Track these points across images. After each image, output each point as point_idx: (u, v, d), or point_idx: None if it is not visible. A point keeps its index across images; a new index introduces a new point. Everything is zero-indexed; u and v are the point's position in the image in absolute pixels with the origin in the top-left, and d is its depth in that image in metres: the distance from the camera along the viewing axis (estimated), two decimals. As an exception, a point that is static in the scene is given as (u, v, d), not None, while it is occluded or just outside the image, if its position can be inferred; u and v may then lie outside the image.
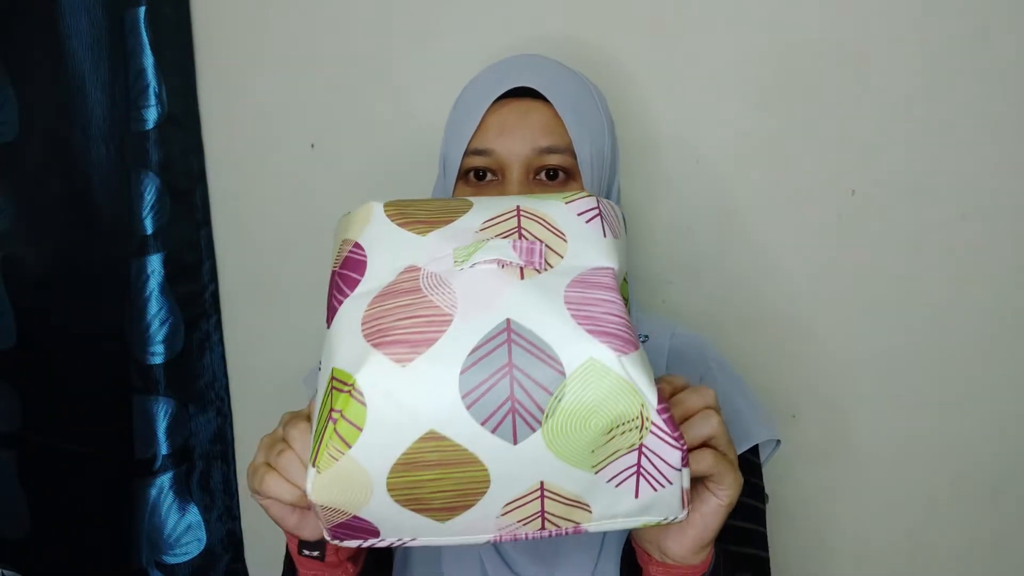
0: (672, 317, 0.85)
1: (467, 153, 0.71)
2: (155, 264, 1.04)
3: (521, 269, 0.48)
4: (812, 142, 0.92)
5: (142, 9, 0.98)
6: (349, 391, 0.43)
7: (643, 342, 0.76)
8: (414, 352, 0.44)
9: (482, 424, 0.43)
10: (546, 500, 0.46)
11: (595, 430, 0.44)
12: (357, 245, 0.52)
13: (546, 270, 0.48)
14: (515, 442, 0.43)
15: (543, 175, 0.71)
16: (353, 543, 0.49)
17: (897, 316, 0.95)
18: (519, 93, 0.71)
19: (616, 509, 0.48)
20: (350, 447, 0.43)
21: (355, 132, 1.01)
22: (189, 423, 1.08)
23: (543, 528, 0.48)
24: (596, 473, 0.45)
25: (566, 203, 0.53)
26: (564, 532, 0.48)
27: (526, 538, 0.48)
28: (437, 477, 0.44)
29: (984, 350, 0.94)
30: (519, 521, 0.47)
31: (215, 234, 1.07)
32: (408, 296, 0.47)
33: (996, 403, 0.95)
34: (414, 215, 0.53)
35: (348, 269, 0.51)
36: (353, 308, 0.48)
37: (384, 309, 0.47)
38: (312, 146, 1.02)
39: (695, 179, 0.95)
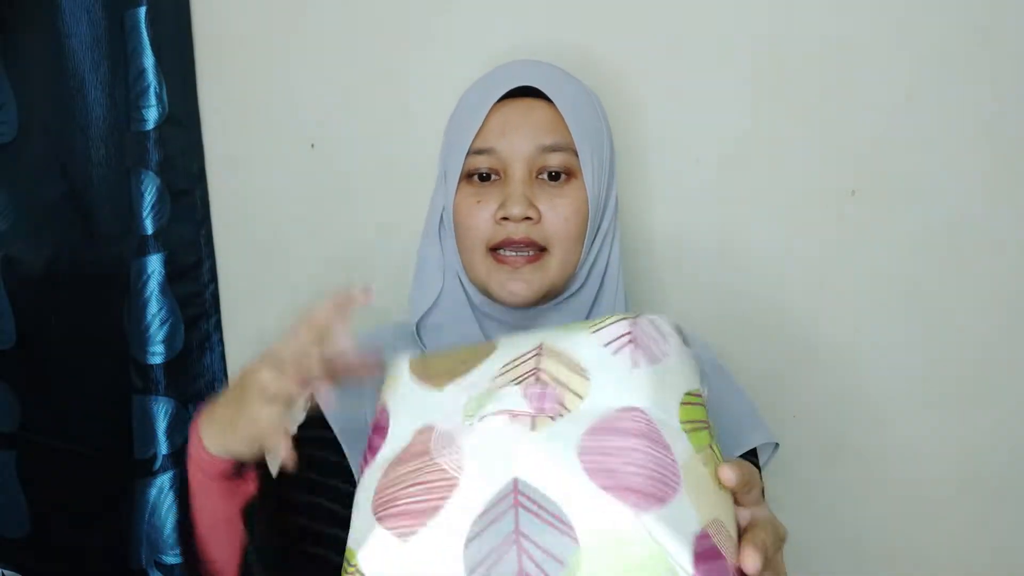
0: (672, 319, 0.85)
1: (470, 153, 0.72)
2: (155, 264, 1.04)
3: (533, 419, 0.43)
4: (812, 142, 0.92)
5: (142, 9, 0.98)
6: (353, 571, 0.41)
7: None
8: (417, 524, 0.40)
9: None
10: None
11: None
12: (383, 408, 0.50)
13: (562, 416, 0.43)
14: None
15: (545, 175, 0.71)
16: None
17: (897, 316, 0.95)
18: (521, 93, 0.72)
19: None
20: None
21: (355, 132, 1.01)
22: (189, 423, 1.08)
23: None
24: None
25: (592, 332, 0.48)
26: None
27: None
28: None
29: (984, 350, 0.94)
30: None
31: (215, 234, 1.07)
32: (417, 460, 0.43)
33: (996, 403, 0.95)
34: (436, 367, 0.49)
35: (375, 434, 0.48)
36: (371, 478, 0.45)
37: (395, 477, 0.43)
38: (312, 146, 1.02)
39: (695, 179, 0.95)
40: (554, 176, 0.71)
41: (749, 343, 0.97)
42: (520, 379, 0.45)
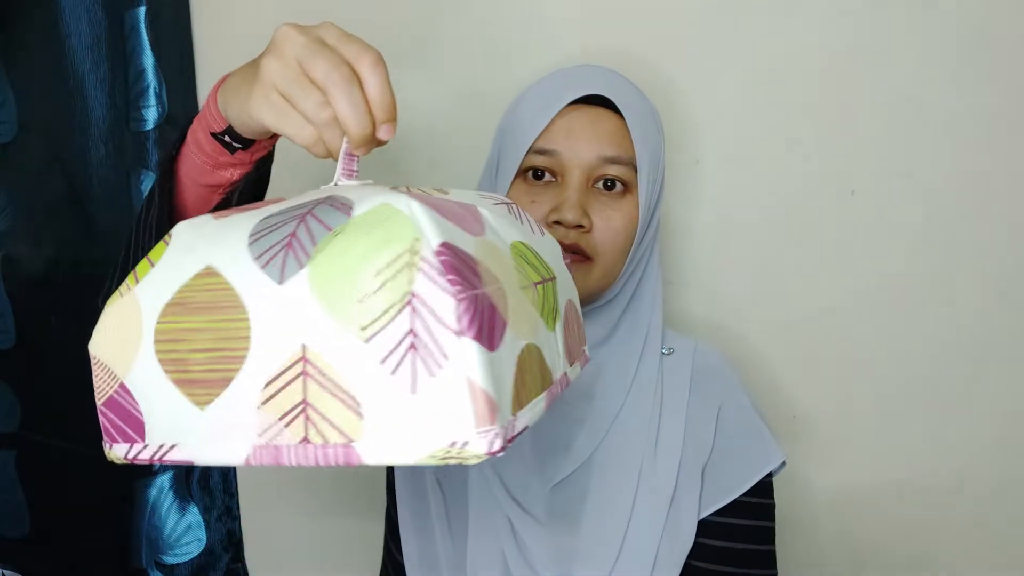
0: (686, 333, 0.86)
1: (530, 151, 0.72)
2: (155, 264, 1.03)
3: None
4: (812, 142, 0.92)
5: (142, 9, 0.98)
6: (164, 238, 0.44)
7: (668, 355, 0.78)
8: (232, 213, 0.44)
9: (255, 259, 0.39)
10: (309, 381, 0.38)
11: (361, 268, 0.37)
12: None
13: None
14: (281, 280, 0.38)
15: (601, 184, 0.72)
16: (120, 449, 0.44)
17: (897, 316, 0.95)
18: (588, 101, 0.72)
19: (392, 416, 0.37)
20: (138, 282, 0.42)
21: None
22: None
23: (306, 437, 0.38)
24: (368, 343, 0.37)
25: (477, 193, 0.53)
26: (333, 456, 0.38)
27: (290, 461, 0.39)
28: (201, 325, 0.40)
29: (984, 349, 0.94)
30: (280, 419, 0.39)
31: (215, 234, 1.07)
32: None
33: (996, 403, 0.95)
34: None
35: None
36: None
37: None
38: (312, 146, 1.02)
39: (695, 179, 0.95)
40: (609, 186, 0.72)
41: (749, 343, 0.96)
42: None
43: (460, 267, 0.38)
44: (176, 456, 0.41)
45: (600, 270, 0.72)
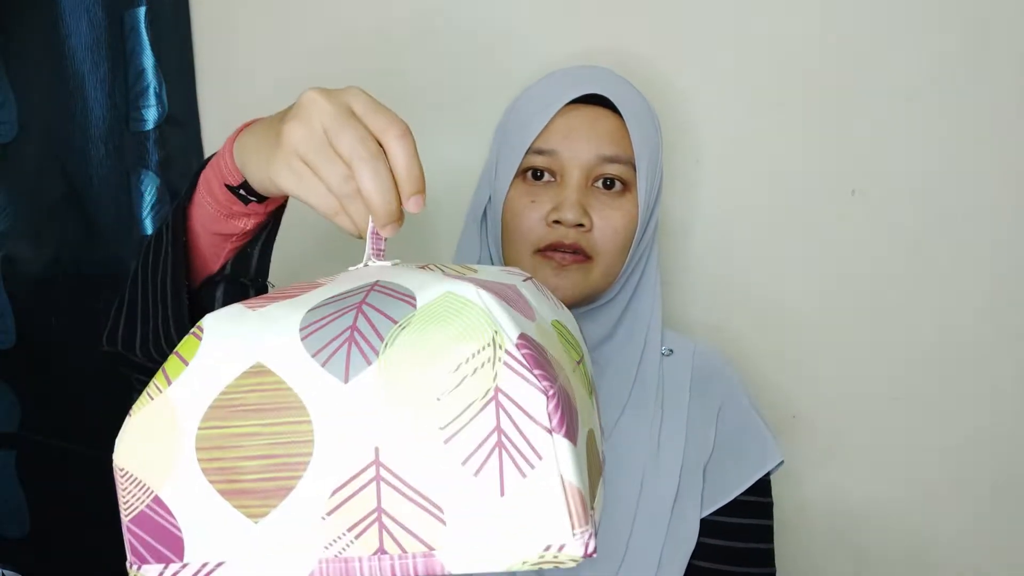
0: (685, 333, 0.86)
1: (530, 151, 0.72)
2: (155, 264, 1.03)
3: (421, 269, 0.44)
4: (812, 142, 0.92)
5: (142, 9, 0.98)
6: (194, 332, 0.39)
7: (668, 356, 0.78)
8: (269, 303, 0.40)
9: (313, 356, 0.36)
10: (384, 487, 0.35)
11: (438, 364, 0.35)
12: None
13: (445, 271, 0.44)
14: (346, 379, 0.36)
15: (600, 183, 0.72)
16: (152, 570, 0.39)
17: (897, 316, 0.95)
18: (586, 100, 0.73)
19: (478, 521, 0.35)
20: (170, 383, 0.38)
21: (355, 132, 1.01)
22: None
23: (382, 547, 0.35)
24: (447, 444, 0.35)
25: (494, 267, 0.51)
26: (412, 567, 0.36)
27: (363, 575, 0.36)
28: (253, 429, 0.36)
29: (984, 350, 0.94)
30: (350, 529, 0.36)
31: (215, 234, 1.07)
32: (296, 285, 0.44)
33: (996, 403, 0.95)
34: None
35: None
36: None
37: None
38: (312, 146, 1.02)
39: (695, 179, 0.95)
40: (608, 185, 0.72)
41: (749, 343, 0.96)
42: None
43: (541, 360, 0.36)
44: (223, 574, 0.37)
45: (600, 269, 0.72)
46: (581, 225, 0.70)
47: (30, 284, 1.11)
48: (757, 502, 0.73)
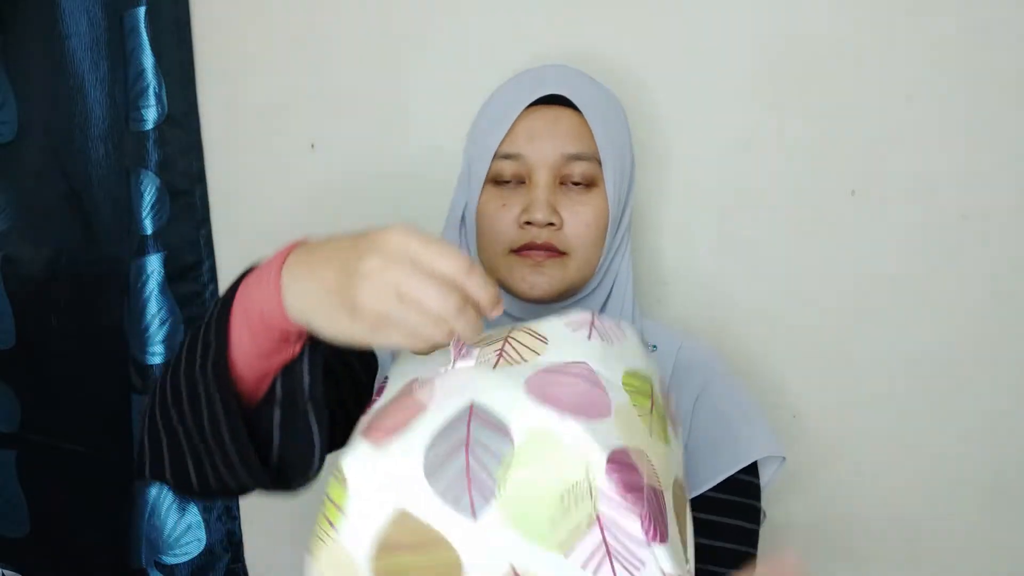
0: (679, 327, 0.85)
1: (496, 157, 0.72)
2: (155, 264, 1.04)
3: (496, 360, 0.50)
4: (812, 142, 0.92)
5: (142, 9, 0.98)
6: (338, 475, 0.46)
7: (651, 351, 0.77)
8: (390, 436, 0.46)
9: (441, 496, 0.43)
10: None
11: (546, 498, 0.42)
12: (385, 377, 0.57)
13: (520, 363, 0.49)
14: (474, 516, 0.43)
15: (569, 182, 0.72)
16: None
17: (897, 316, 0.94)
18: (549, 101, 0.73)
19: None
20: (335, 530, 0.46)
21: (355, 132, 1.01)
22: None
23: None
24: (567, 556, 0.43)
25: (558, 316, 0.55)
26: None
27: None
28: (415, 562, 0.44)
29: (984, 350, 0.94)
30: None
31: (215, 234, 1.07)
32: (400, 399, 0.50)
33: (995, 403, 0.95)
34: None
35: (376, 394, 0.55)
36: (362, 419, 0.50)
37: (379, 411, 0.50)
38: (312, 146, 1.02)
39: (695, 179, 0.95)
40: (576, 182, 0.72)
41: (749, 343, 0.96)
42: (491, 341, 0.53)
43: (629, 478, 0.43)
44: None
45: (576, 263, 0.73)
46: (552, 224, 0.71)
47: (30, 284, 1.11)
48: (730, 501, 0.70)
